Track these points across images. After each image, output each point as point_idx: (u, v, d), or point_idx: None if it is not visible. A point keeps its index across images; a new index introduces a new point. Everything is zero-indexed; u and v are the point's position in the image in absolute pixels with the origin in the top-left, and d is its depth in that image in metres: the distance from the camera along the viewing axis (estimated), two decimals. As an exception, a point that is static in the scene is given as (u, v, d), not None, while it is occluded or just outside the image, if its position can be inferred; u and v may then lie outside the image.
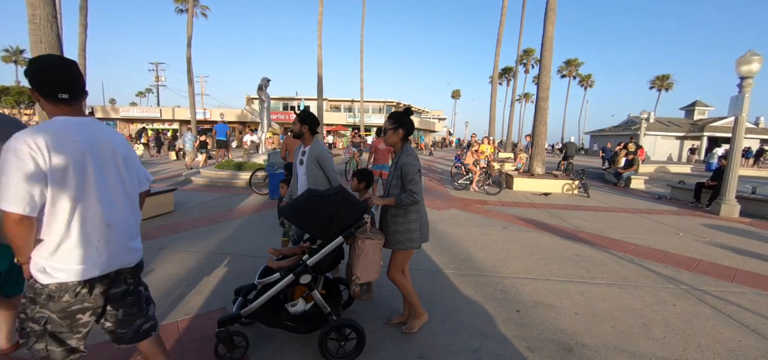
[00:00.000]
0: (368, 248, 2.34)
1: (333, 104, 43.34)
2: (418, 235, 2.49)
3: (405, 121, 2.52)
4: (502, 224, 6.12)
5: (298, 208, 2.29)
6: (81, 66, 14.94)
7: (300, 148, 3.24)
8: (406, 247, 2.48)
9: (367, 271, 2.36)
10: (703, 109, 38.22)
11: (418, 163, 2.45)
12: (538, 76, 11.86)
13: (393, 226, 2.48)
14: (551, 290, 3.51)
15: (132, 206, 1.66)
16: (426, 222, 2.58)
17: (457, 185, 10.03)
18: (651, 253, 4.79)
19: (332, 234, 2.25)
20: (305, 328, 2.29)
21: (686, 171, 20.38)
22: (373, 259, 2.37)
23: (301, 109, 3.18)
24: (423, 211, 2.55)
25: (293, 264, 2.32)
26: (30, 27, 5.08)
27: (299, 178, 3.18)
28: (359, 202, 2.42)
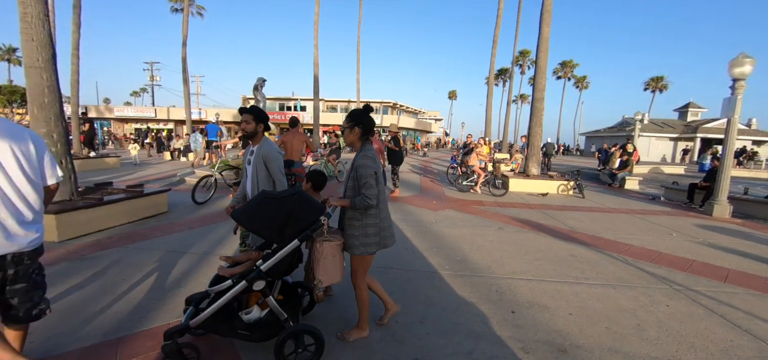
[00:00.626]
0: (327, 250, 2.27)
1: (329, 104, 43.28)
2: (374, 240, 2.39)
3: (362, 119, 2.43)
4: (498, 225, 6.13)
5: (251, 212, 2.20)
6: (74, 65, 14.79)
7: (249, 147, 3.05)
8: (360, 252, 2.38)
9: (328, 274, 2.29)
10: (696, 110, 38.64)
11: (375, 166, 2.33)
12: (533, 77, 11.93)
13: (349, 229, 2.40)
14: (546, 291, 3.51)
15: (20, 195, 1.75)
16: (387, 227, 2.47)
17: (460, 187, 9.97)
18: (645, 254, 4.82)
19: (287, 237, 2.15)
20: (260, 336, 2.18)
21: (680, 172, 20.58)
22: (333, 262, 2.30)
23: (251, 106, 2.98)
24: (384, 215, 2.44)
25: (246, 270, 2.19)
26: (21, 25, 5.01)
27: (248, 178, 3.02)
28: (317, 204, 2.33)
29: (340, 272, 2.37)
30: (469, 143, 12.55)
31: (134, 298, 3.09)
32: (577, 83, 54.54)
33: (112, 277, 3.52)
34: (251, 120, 2.92)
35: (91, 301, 3.00)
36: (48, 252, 4.13)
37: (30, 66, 5.09)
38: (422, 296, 3.28)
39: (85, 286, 3.30)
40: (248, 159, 3.00)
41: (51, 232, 4.52)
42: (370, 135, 2.47)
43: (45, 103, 5.12)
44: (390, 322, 2.81)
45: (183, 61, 22.69)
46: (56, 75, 5.30)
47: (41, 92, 5.10)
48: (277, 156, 2.95)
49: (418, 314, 2.95)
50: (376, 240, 2.40)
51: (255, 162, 2.93)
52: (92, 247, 4.37)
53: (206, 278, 3.51)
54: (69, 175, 5.35)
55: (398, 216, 6.50)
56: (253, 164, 2.93)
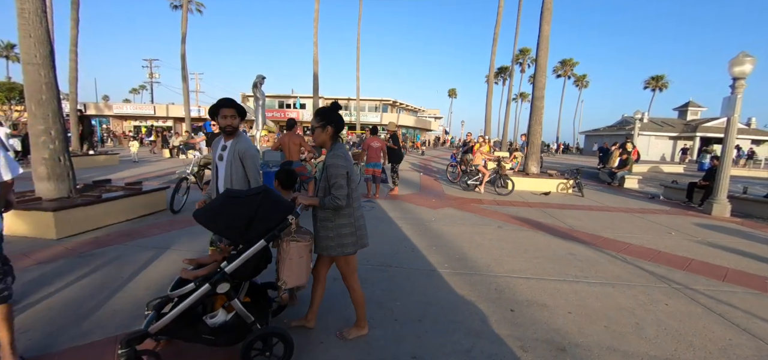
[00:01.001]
0: (293, 251, 2.20)
1: (329, 102, 43.21)
2: (351, 240, 2.35)
3: (333, 117, 2.36)
4: (498, 223, 6.13)
5: (213, 212, 2.11)
6: (72, 62, 14.74)
7: (219, 141, 2.85)
8: (337, 252, 2.34)
9: (293, 276, 2.23)
10: (696, 109, 38.65)
11: (346, 165, 2.28)
12: (533, 75, 11.91)
13: (322, 231, 2.35)
14: (545, 289, 3.51)
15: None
16: (362, 226, 2.44)
17: (465, 186, 9.93)
18: (644, 253, 4.82)
19: (253, 238, 2.07)
20: (226, 340, 2.10)
21: (679, 171, 20.61)
22: (299, 263, 2.23)
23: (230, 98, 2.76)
24: (358, 214, 2.41)
25: (210, 272, 2.08)
26: (19, 21, 4.98)
27: (219, 176, 2.82)
28: (284, 203, 2.25)
29: (306, 274, 2.30)
30: (468, 141, 12.54)
31: (132, 295, 3.08)
32: (577, 82, 54.50)
33: (110, 274, 3.51)
34: (236, 115, 2.75)
35: (89, 299, 2.99)
36: (46, 249, 4.13)
37: (28, 62, 5.06)
38: (421, 294, 3.28)
39: (83, 283, 3.29)
40: (219, 154, 2.80)
41: (49, 229, 4.51)
42: (340, 133, 2.41)
43: (43, 100, 5.10)
44: (389, 320, 2.80)
45: (182, 57, 22.62)
46: (54, 72, 5.28)
47: (39, 89, 5.07)
48: (255, 153, 2.81)
49: (417, 312, 2.94)
50: (352, 240, 2.36)
51: (230, 158, 2.74)
52: (90, 245, 4.36)
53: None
54: (67, 172, 5.33)
55: (398, 214, 6.50)
56: (228, 161, 2.75)
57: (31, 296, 3.02)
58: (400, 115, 42.00)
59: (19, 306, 2.84)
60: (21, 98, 29.97)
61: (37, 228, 4.55)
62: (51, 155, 5.15)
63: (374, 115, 41.11)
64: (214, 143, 2.88)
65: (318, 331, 2.63)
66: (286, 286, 2.24)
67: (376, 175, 8.05)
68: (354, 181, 2.38)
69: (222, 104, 2.73)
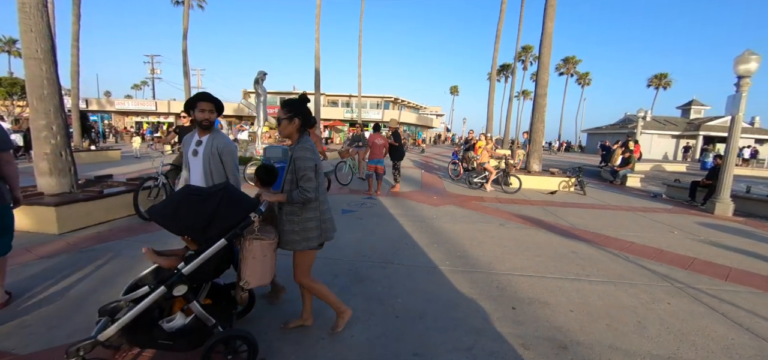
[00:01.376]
0: (256, 249, 2.10)
1: (330, 99, 43.15)
2: (315, 234, 2.31)
3: (300, 109, 2.30)
4: (499, 221, 6.11)
5: (170, 209, 2.00)
6: (74, 57, 14.74)
7: (192, 135, 2.73)
8: (302, 247, 2.29)
9: (256, 275, 2.13)
10: (699, 108, 38.45)
11: (314, 158, 2.23)
12: (536, 73, 11.84)
13: (288, 225, 2.29)
14: (547, 287, 3.50)
15: None
16: (329, 220, 2.41)
17: (471, 184, 9.88)
18: (646, 251, 4.80)
19: (212, 237, 1.97)
20: (186, 345, 2.00)
21: (681, 169, 20.52)
22: (263, 261, 2.15)
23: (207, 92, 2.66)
24: (325, 208, 2.38)
25: (165, 275, 1.98)
26: (20, 15, 4.97)
27: (192, 173, 2.70)
28: (247, 199, 2.18)
29: (270, 273, 2.22)
30: (470, 139, 12.50)
31: (134, 290, 3.08)
32: (580, 80, 54.29)
33: (111, 270, 3.52)
34: (214, 109, 2.65)
35: (90, 294, 3.00)
36: (47, 244, 4.14)
37: (29, 57, 5.05)
38: (422, 291, 3.27)
39: (84, 279, 3.30)
40: (194, 149, 2.67)
41: (51, 224, 4.52)
42: (308, 126, 2.35)
43: (44, 95, 5.09)
44: (390, 317, 2.79)
45: (184, 53, 22.60)
46: (56, 66, 5.26)
47: (40, 84, 5.06)
48: (234, 149, 2.72)
49: (418, 309, 2.93)
50: (317, 234, 2.32)
51: (207, 155, 2.64)
52: (92, 240, 4.36)
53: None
54: (69, 167, 5.33)
55: (399, 211, 6.49)
56: (204, 157, 2.64)
57: (32, 291, 3.02)
58: (401, 113, 41.91)
59: (21, 300, 2.85)
60: (23, 94, 30.03)
61: (38, 223, 4.56)
62: (53, 150, 5.15)
63: (376, 112, 41.04)
64: (186, 138, 2.76)
65: (318, 328, 2.62)
66: (247, 286, 2.13)
67: (378, 171, 8.06)
68: (321, 173, 2.33)
69: (200, 98, 2.64)
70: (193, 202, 2.02)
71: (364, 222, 5.62)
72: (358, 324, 2.69)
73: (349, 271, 3.66)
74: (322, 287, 2.50)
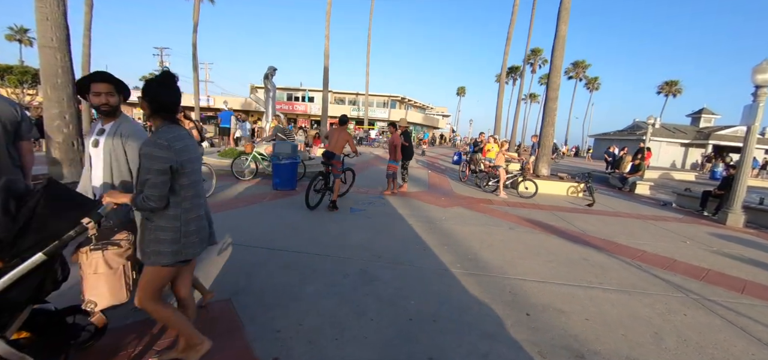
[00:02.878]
0: (98, 262, 1.76)
1: (337, 97, 43.16)
2: (169, 249, 1.79)
3: (151, 91, 1.78)
4: (508, 224, 6.05)
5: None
6: (85, 46, 14.85)
7: (95, 124, 2.28)
8: (151, 261, 1.80)
9: (105, 293, 1.78)
10: (709, 116, 37.97)
11: (169, 157, 1.70)
12: (547, 76, 11.73)
13: (145, 232, 1.83)
14: (560, 294, 3.45)
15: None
16: (194, 232, 1.88)
17: (485, 188, 9.73)
18: (659, 261, 4.73)
19: (25, 250, 1.52)
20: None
21: (690, 178, 20.28)
22: (110, 276, 1.80)
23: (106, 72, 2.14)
24: (191, 218, 1.87)
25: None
26: (37, 4, 4.98)
27: (93, 169, 2.25)
28: (81, 201, 1.77)
29: (124, 289, 1.86)
30: (480, 141, 12.40)
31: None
32: (588, 84, 53.81)
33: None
34: (114, 92, 2.20)
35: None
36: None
37: (44, 46, 5.07)
38: (434, 294, 3.24)
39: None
40: (95, 140, 2.21)
41: (62, 212, 4.52)
42: (168, 113, 1.83)
43: (58, 84, 5.11)
44: (403, 319, 2.76)
45: (193, 46, 22.71)
46: (70, 55, 5.29)
47: (55, 72, 5.09)
48: (143, 138, 2.21)
49: (431, 312, 2.90)
50: (171, 249, 1.80)
51: (108, 146, 2.18)
52: (103, 230, 4.37)
53: (214, 267, 3.49)
54: (80, 157, 5.35)
55: (407, 211, 6.45)
56: (108, 149, 2.18)
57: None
58: (408, 112, 41.82)
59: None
60: (34, 82, 30.36)
61: (50, 211, 4.57)
62: (64, 139, 5.17)
63: (382, 110, 40.98)
64: (91, 128, 2.33)
65: (332, 327, 2.59)
66: (96, 308, 1.80)
67: (396, 172, 8.10)
68: (193, 175, 1.86)
69: (93, 78, 2.18)
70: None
71: (372, 221, 5.59)
72: (371, 325, 2.66)
73: (359, 272, 3.63)
74: (172, 314, 1.94)
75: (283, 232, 4.72)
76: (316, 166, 11.33)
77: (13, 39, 45.51)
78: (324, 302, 2.94)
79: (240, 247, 4.07)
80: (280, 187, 7.58)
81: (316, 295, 3.06)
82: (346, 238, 4.65)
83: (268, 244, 4.20)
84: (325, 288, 3.20)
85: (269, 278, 3.32)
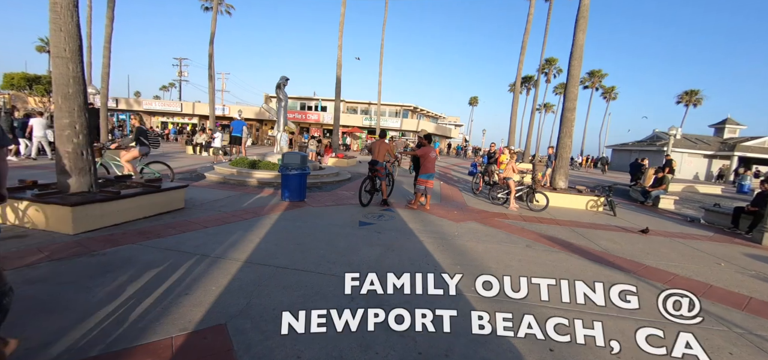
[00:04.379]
0: None
1: (349, 106, 43.36)
2: None
3: None
4: (526, 242, 5.72)
5: None
6: (105, 58, 15.26)
7: None
8: None
9: None
10: (734, 127, 36.51)
11: None
12: (564, 85, 11.37)
13: None
14: (586, 325, 3.12)
15: None
16: None
17: (495, 200, 9.45)
18: (693, 286, 4.32)
19: None
20: None
21: (716, 191, 19.34)
22: None
23: None
24: None
25: None
26: (50, 15, 5.02)
27: None
28: None
29: None
30: (493, 152, 12.07)
31: (138, 304, 2.91)
32: (605, 94, 52.66)
33: (119, 278, 3.37)
34: None
35: (93, 305, 2.84)
36: (60, 245, 4.06)
37: (57, 56, 5.10)
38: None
39: (90, 287, 3.16)
40: None
41: (66, 224, 4.46)
42: None
43: (69, 94, 5.11)
44: (411, 352, 2.51)
45: (210, 57, 23.17)
46: (82, 66, 5.30)
47: (66, 82, 5.09)
48: None
49: (443, 346, 2.64)
50: None
51: None
52: (104, 243, 4.27)
53: (215, 286, 3.31)
54: (89, 166, 5.32)
55: (418, 225, 6.20)
56: None
57: (34, 298, 2.90)
58: (420, 122, 41.62)
59: (22, 307, 2.72)
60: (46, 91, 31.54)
61: (55, 222, 4.52)
62: (74, 149, 5.15)
63: (394, 120, 40.91)
64: None
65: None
66: None
67: (428, 186, 7.71)
68: None
69: None
70: None
71: (382, 237, 5.35)
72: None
73: (368, 293, 3.38)
74: None
75: (288, 248, 4.53)
76: (327, 177, 11.21)
77: (44, 50, 47.61)
78: (327, 331, 2.71)
79: (241, 263, 3.89)
80: (289, 198, 7.44)
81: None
82: (353, 255, 4.43)
83: (272, 261, 4.01)
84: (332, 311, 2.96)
85: (269, 300, 3.12)
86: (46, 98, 34.77)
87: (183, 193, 6.38)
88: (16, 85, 33.40)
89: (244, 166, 10.15)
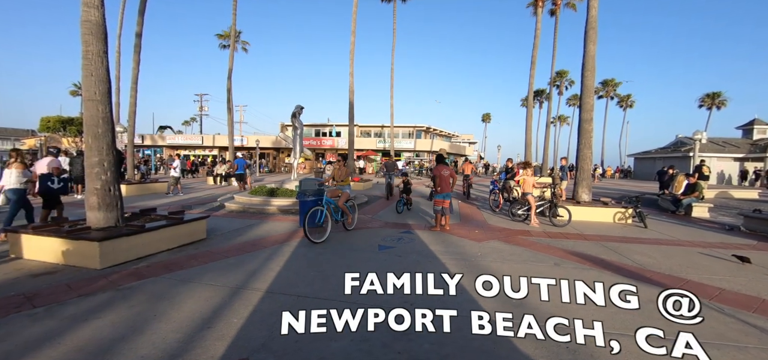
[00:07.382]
0: None
1: (363, 130, 43.95)
2: None
3: None
4: (554, 260, 5.47)
5: None
6: (132, 98, 16.17)
7: None
8: None
9: None
10: (763, 127, 34.83)
11: None
12: (577, 97, 11.15)
13: None
14: (629, 353, 2.89)
15: None
16: None
17: (515, 216, 9.17)
18: (743, 301, 3.99)
19: None
20: None
21: (753, 196, 18.25)
22: None
23: None
24: None
25: None
26: (83, 62, 5.34)
27: None
28: None
29: None
30: (511, 167, 11.84)
31: (160, 339, 2.89)
32: (621, 102, 51.54)
33: (143, 312, 3.38)
34: None
35: (117, 342, 2.84)
36: (88, 281, 4.13)
37: (88, 99, 5.38)
38: (476, 352, 2.81)
39: (115, 322, 3.17)
40: None
41: (94, 259, 4.57)
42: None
43: (99, 134, 5.35)
44: None
45: (228, 91, 24.12)
46: (111, 107, 5.57)
47: (96, 123, 5.35)
48: None
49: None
50: None
51: None
52: (130, 277, 4.34)
53: (237, 317, 3.27)
54: (116, 202, 5.49)
55: (439, 247, 6.05)
56: None
57: (65, 334, 2.92)
58: (433, 141, 41.65)
59: (53, 343, 2.74)
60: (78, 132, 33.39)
61: (83, 258, 4.64)
62: (102, 186, 5.34)
63: (408, 141, 41.11)
64: None
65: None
66: None
67: (445, 207, 7.56)
68: None
69: None
70: None
71: (402, 261, 5.24)
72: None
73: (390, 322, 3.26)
74: None
75: (308, 276, 4.48)
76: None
77: (77, 94, 50.84)
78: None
79: (262, 294, 3.85)
80: (307, 224, 7.43)
81: (343, 354, 2.74)
82: (374, 281, 4.32)
83: (292, 290, 3.96)
84: (352, 344, 2.87)
85: (292, 331, 3.04)
86: (78, 138, 36.87)
87: (205, 223, 6.48)
88: (51, 128, 35.55)
89: (263, 194, 10.30)
